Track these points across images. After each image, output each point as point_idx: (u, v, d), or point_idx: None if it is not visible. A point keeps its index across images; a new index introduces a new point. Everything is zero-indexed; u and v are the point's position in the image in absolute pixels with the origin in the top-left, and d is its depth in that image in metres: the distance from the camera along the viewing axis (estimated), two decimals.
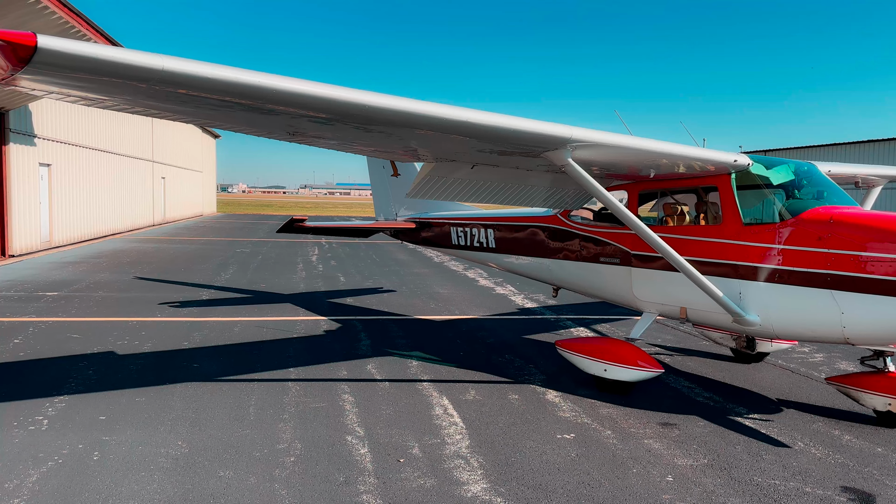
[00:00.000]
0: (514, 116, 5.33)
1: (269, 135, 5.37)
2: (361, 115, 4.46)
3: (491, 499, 4.65)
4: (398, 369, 7.93)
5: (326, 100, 4.16)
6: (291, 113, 4.42)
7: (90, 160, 24.90)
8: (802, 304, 6.43)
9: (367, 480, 4.85)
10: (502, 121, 5.23)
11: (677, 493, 4.86)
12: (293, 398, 6.66)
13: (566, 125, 5.53)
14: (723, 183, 7.08)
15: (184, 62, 3.69)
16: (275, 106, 4.21)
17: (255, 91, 3.92)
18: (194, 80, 3.74)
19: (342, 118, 4.55)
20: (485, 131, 5.21)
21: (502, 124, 5.21)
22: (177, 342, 8.91)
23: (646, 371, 7.03)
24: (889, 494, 4.94)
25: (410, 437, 5.73)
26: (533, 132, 5.40)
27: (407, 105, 4.54)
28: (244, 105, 4.22)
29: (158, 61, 3.62)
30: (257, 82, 3.86)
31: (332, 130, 5.06)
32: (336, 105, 4.22)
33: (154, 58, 3.63)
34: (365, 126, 4.87)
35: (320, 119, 4.59)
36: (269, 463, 5.09)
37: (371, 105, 4.36)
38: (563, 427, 6.16)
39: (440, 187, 7.13)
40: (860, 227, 6.19)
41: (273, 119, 4.68)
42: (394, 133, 5.16)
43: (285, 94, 4.01)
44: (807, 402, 7.17)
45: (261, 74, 3.91)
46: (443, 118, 4.82)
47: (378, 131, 5.05)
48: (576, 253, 8.67)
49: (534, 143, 5.59)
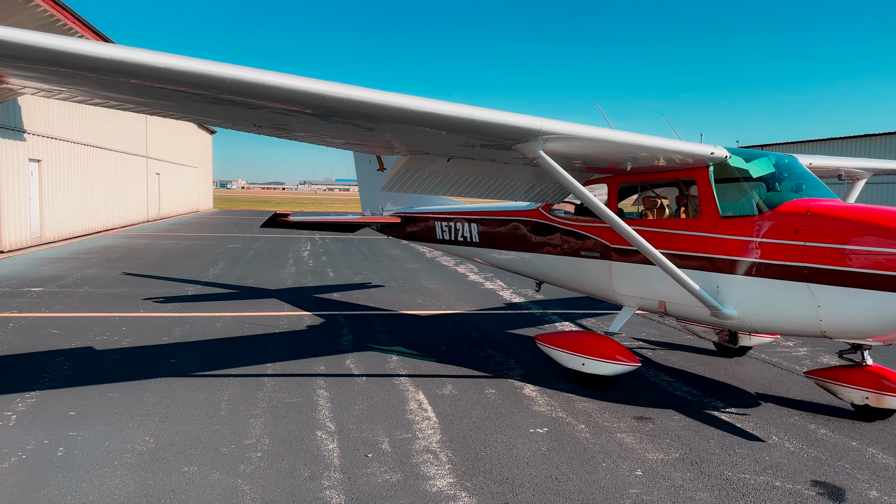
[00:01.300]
0: (483, 108, 5.27)
1: (234, 126, 5.31)
2: (320, 105, 4.39)
3: (456, 493, 4.61)
4: (377, 364, 7.89)
5: (281, 89, 4.09)
6: (248, 104, 4.36)
7: (82, 156, 24.83)
8: (779, 298, 6.39)
9: (332, 476, 4.81)
10: (470, 112, 5.16)
11: (645, 487, 4.82)
12: (267, 393, 6.62)
13: (537, 117, 5.47)
14: (700, 176, 7.03)
15: (134, 51, 3.63)
16: (230, 96, 4.15)
17: (206, 80, 3.85)
18: (145, 70, 3.68)
19: (301, 109, 4.49)
20: (453, 123, 5.15)
21: (470, 115, 5.15)
22: (157, 337, 8.87)
23: (623, 365, 6.99)
24: (859, 488, 4.90)
25: (381, 432, 5.69)
26: (502, 124, 5.34)
27: (368, 95, 4.47)
28: (199, 95, 4.16)
29: (106, 51, 3.57)
30: (208, 71, 3.80)
31: (294, 122, 5.00)
32: (291, 95, 4.16)
33: (102, 47, 3.57)
34: (329, 117, 4.81)
35: (280, 110, 4.53)
36: (234, 458, 5.05)
37: (329, 95, 4.29)
38: (537, 421, 6.12)
39: (416, 180, 7.07)
40: (836, 219, 6.13)
41: (233, 110, 4.62)
42: (359, 124, 5.10)
43: (237, 84, 3.95)
44: (786, 396, 7.13)
45: (213, 63, 3.85)
46: (407, 109, 4.75)
47: (342, 122, 4.99)
48: (557, 247, 8.62)
49: (504, 136, 5.54)
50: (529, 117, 5.44)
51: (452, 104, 5.00)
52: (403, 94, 4.73)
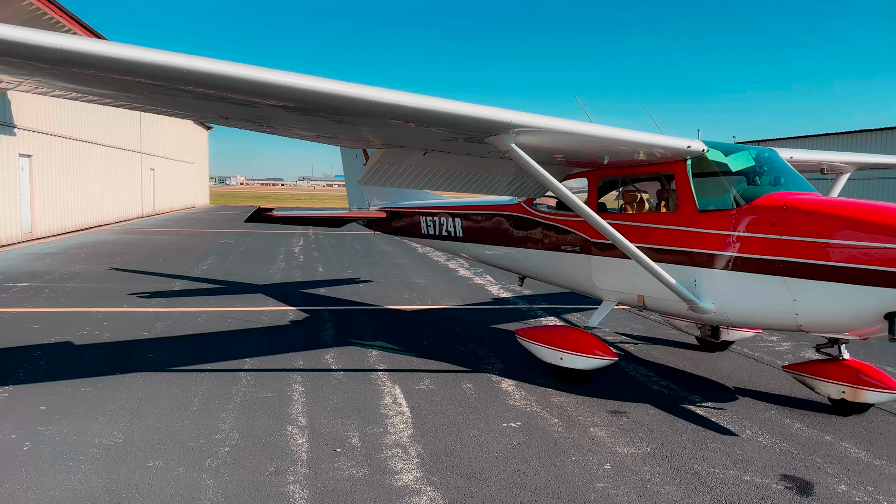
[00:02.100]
0: (453, 101, 5.23)
1: (203, 118, 5.26)
2: (278, 96, 4.34)
3: (421, 487, 4.59)
4: (357, 359, 7.86)
5: (234, 79, 4.04)
6: (203, 94, 4.31)
7: (75, 151, 24.76)
8: (756, 292, 6.35)
9: (297, 471, 4.78)
10: (439, 105, 5.12)
11: (612, 481, 4.80)
12: (242, 388, 6.59)
13: (508, 110, 5.43)
14: (678, 170, 6.99)
15: (83, 41, 3.59)
16: (188, 87, 4.11)
17: (155, 70, 3.80)
18: (95, 60, 3.63)
19: (261, 101, 4.44)
20: (421, 115, 5.10)
21: (439, 108, 5.11)
22: (137, 332, 8.84)
23: (601, 359, 6.97)
24: (827, 482, 4.88)
25: (353, 427, 5.66)
26: (473, 117, 5.29)
27: (330, 87, 4.41)
28: (156, 87, 4.12)
29: (57, 41, 3.53)
30: (156, 60, 3.74)
31: (259, 114, 4.96)
32: (244, 85, 4.11)
33: (53, 37, 3.53)
34: (293, 109, 4.76)
35: (240, 101, 4.49)
36: (201, 453, 5.03)
37: (289, 86, 4.23)
38: (511, 415, 6.10)
39: (392, 174, 7.03)
40: (812, 213, 6.10)
41: (192, 102, 4.58)
42: (328, 116, 5.05)
43: (190, 74, 3.89)
44: (764, 390, 7.11)
45: (164, 53, 3.80)
46: (372, 101, 4.70)
47: (309, 114, 4.95)
48: (538, 241, 8.59)
49: (475, 129, 5.49)
50: (500, 110, 5.40)
51: (420, 96, 4.96)
52: (369, 86, 4.68)
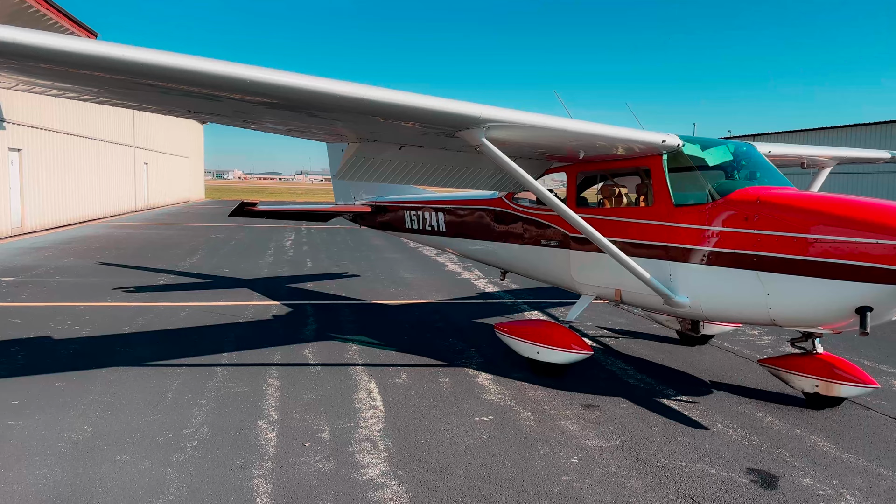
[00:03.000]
0: (421, 95, 5.21)
1: (171, 113, 5.25)
2: (240, 90, 4.32)
3: (386, 482, 4.60)
4: (335, 354, 7.87)
5: (191, 72, 4.02)
6: (165, 89, 4.30)
7: (66, 145, 24.68)
8: (730, 286, 6.37)
9: (264, 465, 4.79)
10: (407, 99, 5.10)
11: (578, 474, 4.82)
12: (217, 383, 6.60)
13: (477, 104, 5.41)
14: (654, 164, 6.98)
15: (34, 34, 3.57)
16: (147, 81, 4.09)
17: (113, 64, 3.79)
18: (45, 53, 3.61)
19: (225, 94, 4.42)
20: (388, 109, 5.08)
21: (407, 102, 5.09)
22: (118, 327, 8.83)
23: (577, 353, 6.98)
24: (793, 476, 4.90)
25: (324, 421, 5.67)
26: (441, 111, 5.28)
27: (291, 80, 4.39)
28: (116, 81, 4.10)
29: (9, 34, 3.51)
30: (113, 54, 3.72)
31: (225, 108, 4.94)
32: (200, 78, 4.09)
33: (4, 30, 3.51)
34: (258, 104, 4.75)
35: (202, 95, 4.47)
36: (169, 447, 5.03)
37: (249, 79, 4.21)
38: (484, 409, 6.11)
39: (368, 168, 7.02)
40: (785, 207, 6.10)
41: (154, 96, 4.56)
42: (296, 111, 5.04)
43: (135, 65, 3.86)
44: (740, 384, 7.13)
45: (122, 47, 3.78)
46: (336, 95, 4.68)
47: (277, 108, 4.93)
48: (519, 236, 8.59)
49: (444, 123, 5.48)
50: (469, 104, 5.39)
51: (386, 90, 4.94)
52: (332, 80, 4.66)
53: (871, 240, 5.51)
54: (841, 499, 4.57)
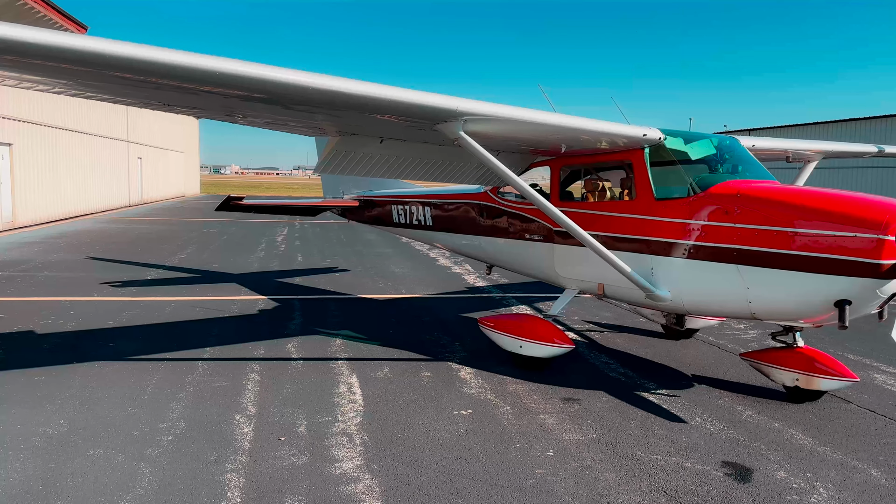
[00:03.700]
0: (398, 88, 5.18)
1: (146, 105, 5.22)
2: (205, 81, 4.28)
3: (359, 475, 4.60)
4: (319, 348, 7.85)
5: (158, 64, 3.99)
6: (134, 81, 4.26)
7: (57, 140, 24.58)
8: (710, 279, 6.36)
9: (238, 459, 4.78)
10: (384, 92, 5.06)
11: (552, 467, 4.82)
12: (197, 378, 6.58)
13: (454, 97, 5.39)
14: (636, 158, 6.97)
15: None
16: (110, 72, 4.05)
17: (71, 55, 3.75)
18: (4, 44, 3.58)
19: (194, 87, 4.39)
20: (364, 102, 5.05)
21: (383, 95, 5.06)
22: (102, 322, 8.81)
23: (559, 347, 6.98)
24: (768, 469, 4.91)
25: (302, 416, 5.66)
26: (418, 104, 5.25)
27: (261, 72, 4.37)
28: (81, 72, 4.07)
29: None
30: (66, 44, 3.68)
31: (198, 101, 4.91)
32: (162, 69, 4.05)
33: None
34: (236, 96, 4.72)
35: (171, 87, 4.44)
36: (144, 442, 5.02)
37: (216, 71, 4.18)
38: (464, 403, 6.11)
39: (349, 162, 6.99)
40: (764, 201, 6.10)
41: (126, 89, 4.53)
42: (271, 103, 5.01)
43: (114, 59, 3.84)
44: (722, 378, 7.14)
45: (88, 39, 3.75)
46: (309, 87, 4.65)
47: (254, 100, 4.90)
48: (504, 230, 8.58)
49: (421, 116, 5.46)
50: (446, 97, 5.36)
51: (362, 83, 4.91)
52: (305, 72, 4.63)
53: (849, 233, 5.50)
54: (814, 492, 4.57)
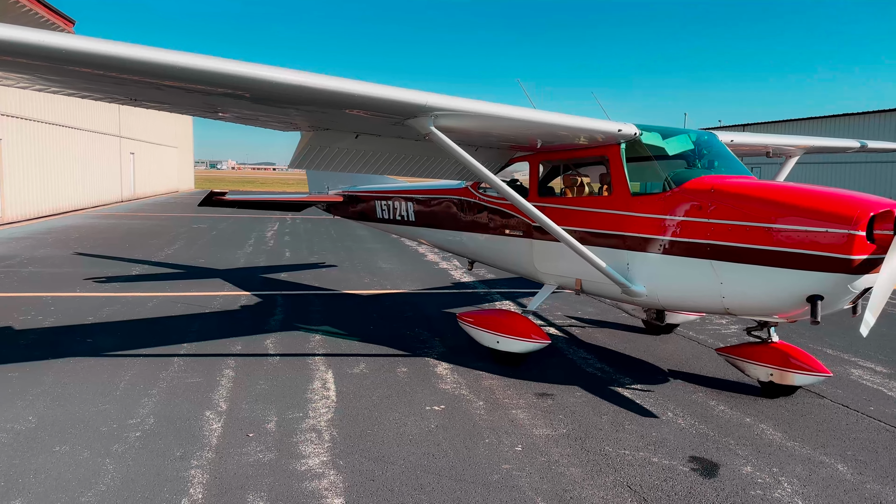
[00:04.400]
0: (368, 83, 5.15)
1: (112, 100, 5.20)
2: (165, 75, 4.25)
3: (324, 472, 4.59)
4: (297, 344, 7.84)
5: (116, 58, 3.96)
6: (92, 75, 4.24)
7: (48, 135, 24.48)
8: (684, 275, 6.36)
9: (204, 455, 4.77)
10: (352, 87, 5.03)
11: (518, 463, 4.82)
12: (171, 373, 6.57)
13: (424, 92, 5.36)
14: (613, 153, 6.96)
15: None
16: (73, 68, 4.03)
17: (35, 50, 3.72)
18: None
19: (156, 81, 4.36)
20: (330, 97, 5.02)
21: (351, 90, 5.02)
22: (82, 317, 8.79)
23: (535, 343, 6.98)
24: (734, 464, 4.92)
25: (273, 412, 5.65)
26: (386, 99, 5.22)
27: (220, 66, 4.33)
28: (47, 68, 4.04)
29: None
30: (32, 41, 3.66)
31: (163, 96, 4.89)
32: (116, 63, 4.01)
33: None
34: (193, 91, 4.70)
35: (131, 82, 4.41)
36: (111, 438, 5.01)
37: (176, 65, 4.15)
38: (437, 399, 6.11)
39: (325, 157, 6.96)
40: (737, 196, 6.09)
41: (89, 84, 4.51)
42: (237, 98, 4.98)
43: (67, 54, 3.80)
44: (698, 373, 7.15)
45: (45, 33, 3.72)
46: (271, 81, 4.62)
47: (218, 95, 4.87)
48: (484, 225, 8.56)
49: (390, 111, 5.44)
50: (416, 92, 5.33)
51: (328, 77, 4.87)
52: (268, 66, 4.59)
53: (821, 229, 5.50)
54: (778, 486, 4.58)
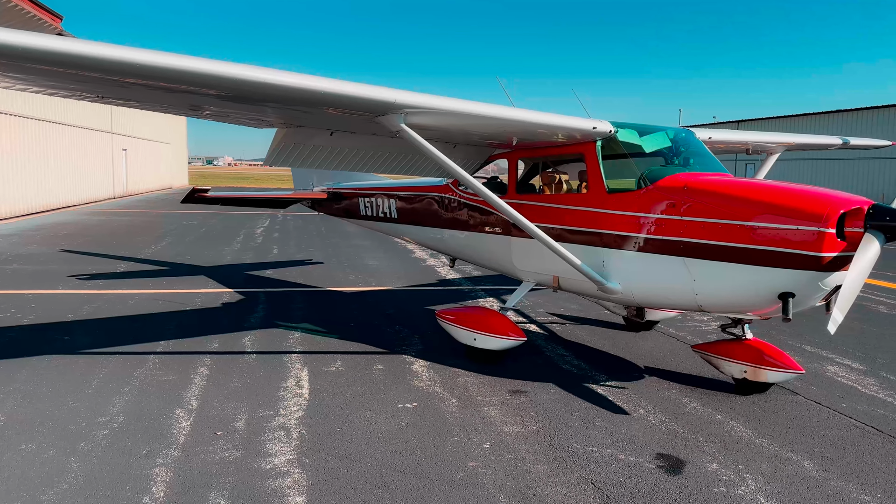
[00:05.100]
0: (336, 80, 5.14)
1: (80, 97, 5.18)
2: (127, 73, 4.25)
3: (289, 470, 4.59)
4: (275, 342, 7.84)
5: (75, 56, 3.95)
6: (52, 72, 4.23)
7: (36, 131, 24.39)
8: (658, 272, 6.37)
9: (170, 454, 4.77)
10: (319, 84, 5.02)
11: (485, 460, 4.83)
12: (145, 371, 6.56)
13: (394, 89, 5.35)
14: (588, 151, 6.96)
15: None
16: (31, 65, 4.01)
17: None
18: None
19: (129, 80, 4.35)
20: (296, 95, 5.01)
21: (318, 87, 5.01)
22: (61, 315, 8.77)
23: (511, 340, 6.99)
24: (701, 461, 4.93)
25: (243, 410, 5.65)
26: (355, 96, 5.21)
27: (181, 63, 4.32)
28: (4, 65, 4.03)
29: None
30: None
31: (130, 93, 4.88)
32: (75, 61, 4.00)
33: None
34: (164, 87, 4.68)
35: (94, 79, 4.40)
36: (79, 436, 5.01)
37: (133, 62, 4.14)
38: (411, 396, 6.11)
39: (300, 154, 6.95)
40: (710, 193, 6.10)
41: (48, 79, 4.50)
42: (202, 95, 4.97)
43: (25, 51, 3.80)
44: (674, 370, 7.16)
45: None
46: (235, 78, 4.61)
47: (182, 92, 4.86)
48: (464, 223, 8.56)
49: (359, 108, 5.42)
50: (386, 89, 5.32)
51: (296, 74, 4.87)
52: (235, 63, 4.57)
53: (791, 226, 5.51)
54: (742, 483, 4.60)
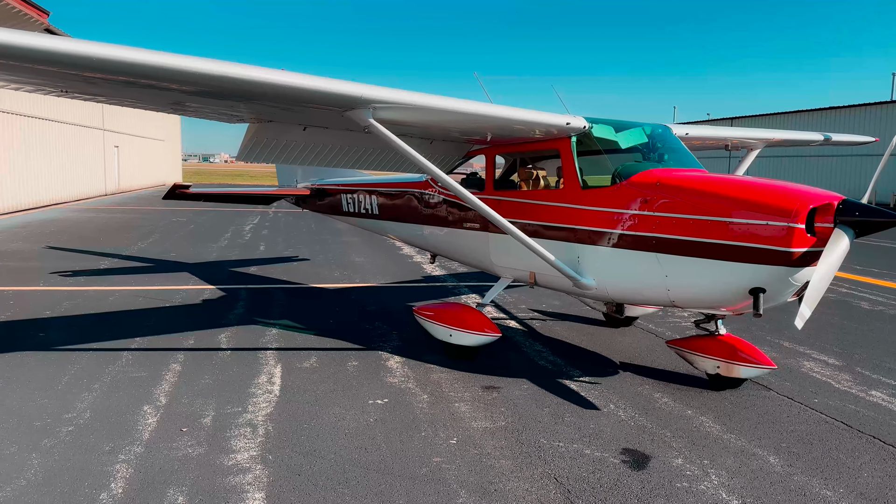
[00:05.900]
0: (302, 74, 5.11)
1: (46, 92, 5.15)
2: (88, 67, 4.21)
3: (251, 466, 4.57)
4: (251, 339, 7.81)
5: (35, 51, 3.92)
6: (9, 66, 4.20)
7: (26, 128, 24.29)
8: (632, 268, 6.37)
9: (133, 450, 4.75)
10: (283, 78, 4.99)
11: (450, 455, 4.82)
12: (117, 368, 6.53)
13: (361, 84, 5.32)
14: (564, 146, 6.94)
15: None
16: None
17: None
18: None
19: (70, 72, 4.31)
20: (263, 90, 4.99)
21: (283, 82, 4.98)
22: (39, 312, 8.73)
23: (486, 336, 6.98)
24: (666, 456, 4.93)
25: (211, 407, 5.62)
26: (320, 91, 5.17)
27: (138, 57, 4.29)
28: None
29: None
30: None
31: (93, 88, 4.84)
32: (32, 55, 3.98)
33: None
34: (123, 82, 4.65)
35: (52, 73, 4.37)
36: (43, 433, 4.98)
37: (95, 57, 4.11)
38: (382, 392, 6.10)
39: (273, 149, 6.91)
40: (681, 189, 6.09)
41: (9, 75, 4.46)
42: (165, 89, 4.94)
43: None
44: (649, 365, 7.16)
45: None
46: (196, 73, 4.58)
47: (140, 86, 4.83)
48: (443, 219, 8.54)
49: (326, 103, 5.39)
50: (352, 84, 5.29)
51: (259, 68, 4.84)
52: (197, 57, 4.54)
53: (761, 221, 5.51)
54: (705, 478, 4.60)
